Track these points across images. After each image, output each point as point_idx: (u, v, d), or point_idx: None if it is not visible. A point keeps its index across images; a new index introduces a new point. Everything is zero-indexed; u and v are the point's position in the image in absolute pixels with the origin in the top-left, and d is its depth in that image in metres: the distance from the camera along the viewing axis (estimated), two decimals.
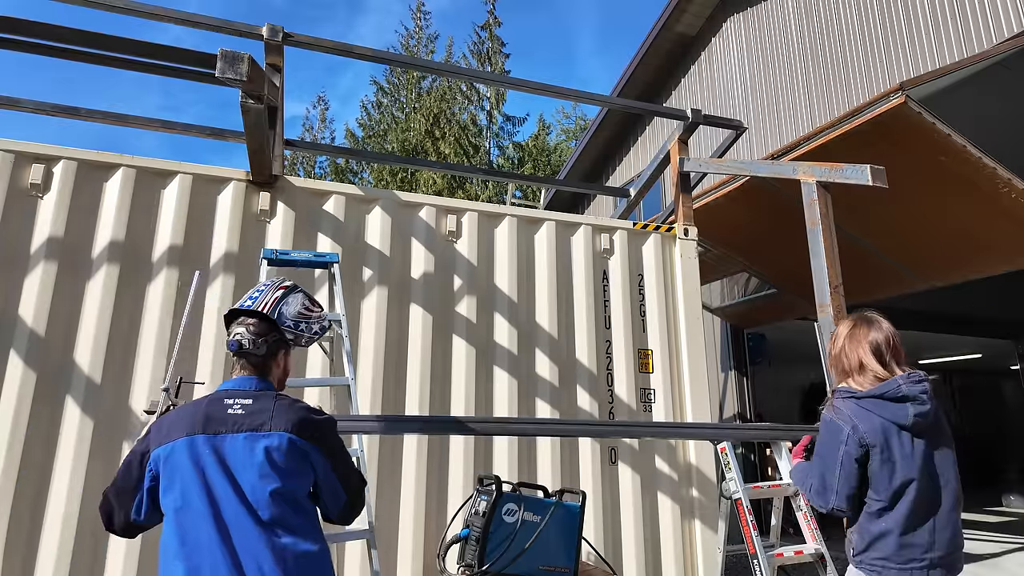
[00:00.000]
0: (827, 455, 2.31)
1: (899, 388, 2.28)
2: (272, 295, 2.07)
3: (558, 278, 4.60)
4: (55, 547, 3.19)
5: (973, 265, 6.42)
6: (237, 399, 1.89)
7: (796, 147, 5.19)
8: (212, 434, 1.82)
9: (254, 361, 1.98)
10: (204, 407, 1.87)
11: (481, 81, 30.26)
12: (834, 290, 3.86)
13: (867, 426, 2.24)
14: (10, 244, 3.48)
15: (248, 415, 1.86)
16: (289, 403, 1.93)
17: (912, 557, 2.17)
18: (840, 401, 2.38)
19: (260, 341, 1.98)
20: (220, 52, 3.16)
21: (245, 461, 1.81)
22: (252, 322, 1.99)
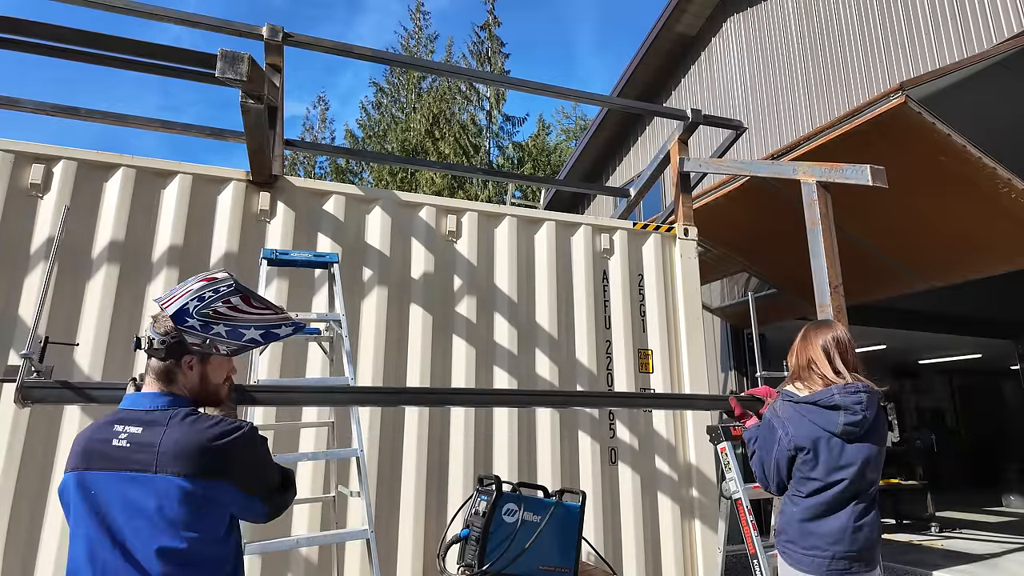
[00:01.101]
0: (765, 452, 2.60)
1: (832, 397, 2.47)
2: (187, 288, 1.67)
3: (558, 278, 4.60)
4: (55, 547, 3.19)
5: (973, 265, 6.42)
6: (127, 425, 1.57)
7: (796, 147, 5.19)
8: (91, 470, 1.53)
9: (155, 365, 1.66)
10: (92, 433, 1.59)
11: (481, 81, 30.25)
12: (834, 290, 3.86)
13: (798, 431, 2.47)
14: (10, 244, 3.48)
15: (133, 449, 1.53)
16: (184, 430, 1.56)
17: (815, 545, 2.37)
18: (780, 404, 2.61)
19: (157, 340, 1.64)
20: (220, 52, 3.16)
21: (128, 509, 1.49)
22: (158, 317, 1.67)
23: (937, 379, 16.03)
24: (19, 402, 2.18)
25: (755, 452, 2.71)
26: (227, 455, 1.57)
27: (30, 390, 2.22)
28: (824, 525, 2.39)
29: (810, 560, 2.39)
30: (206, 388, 1.73)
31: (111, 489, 1.51)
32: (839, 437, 2.43)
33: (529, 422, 4.27)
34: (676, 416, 4.65)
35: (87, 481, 1.53)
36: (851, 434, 2.43)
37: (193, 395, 1.70)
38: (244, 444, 1.62)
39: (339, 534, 3.29)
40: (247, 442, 1.63)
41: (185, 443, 1.53)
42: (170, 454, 1.51)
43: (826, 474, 2.41)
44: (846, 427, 2.43)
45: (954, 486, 13.61)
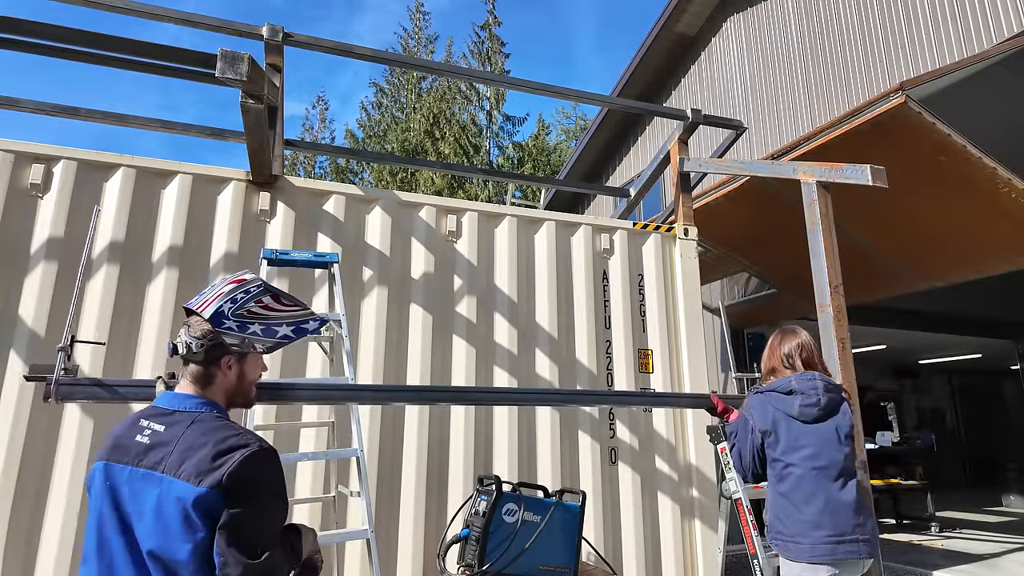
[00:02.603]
0: (742, 442, 2.90)
1: (789, 383, 2.79)
2: (219, 291, 1.69)
3: (558, 278, 4.60)
4: (55, 547, 3.19)
5: (973, 265, 6.42)
6: (152, 422, 1.58)
7: (796, 147, 5.19)
8: (112, 462, 1.55)
9: (193, 368, 1.66)
10: (121, 428, 1.62)
11: (481, 81, 30.24)
12: (834, 290, 3.85)
13: (762, 417, 2.78)
14: (10, 244, 3.48)
15: (151, 446, 1.53)
16: (201, 432, 1.54)
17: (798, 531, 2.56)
18: (751, 397, 2.94)
19: (196, 344, 1.64)
20: (220, 52, 3.16)
21: (136, 505, 1.49)
22: (192, 322, 1.67)
23: (937, 379, 16.02)
24: (52, 398, 2.19)
25: (734, 445, 2.98)
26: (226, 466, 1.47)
27: (64, 387, 2.23)
28: (808, 514, 2.57)
29: (802, 549, 2.55)
30: (242, 386, 1.75)
31: (126, 483, 1.52)
32: (797, 419, 2.71)
33: (529, 422, 4.27)
34: (676, 416, 4.65)
35: (108, 472, 1.54)
36: (807, 415, 2.71)
37: (229, 395, 1.72)
38: (251, 463, 1.50)
39: (339, 534, 3.29)
40: (254, 462, 1.51)
41: (196, 447, 1.50)
42: (178, 456, 1.49)
43: (784, 453, 2.68)
44: (802, 408, 2.71)
45: (954, 486, 13.61)
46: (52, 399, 2.22)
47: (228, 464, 1.47)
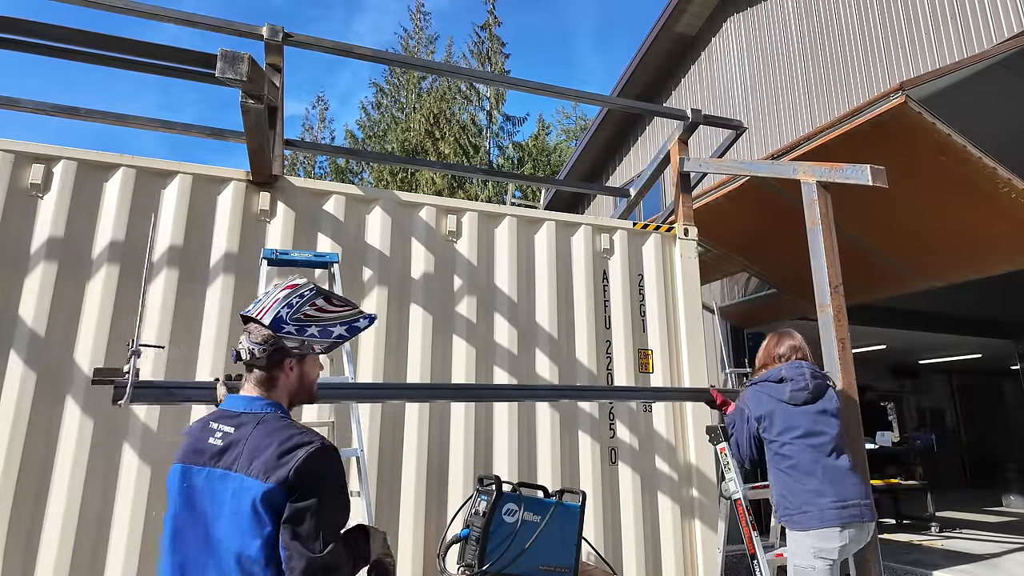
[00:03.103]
0: (739, 432, 3.22)
1: (779, 372, 3.13)
2: (274, 297, 1.77)
3: (558, 278, 4.60)
4: (55, 547, 3.19)
5: (973, 265, 6.42)
6: (222, 424, 1.68)
7: (796, 147, 5.19)
8: (188, 464, 1.65)
9: (257, 373, 1.75)
10: (194, 431, 1.71)
11: (481, 81, 30.25)
12: (834, 290, 3.85)
13: (757, 405, 3.11)
14: (10, 244, 3.48)
15: (225, 448, 1.62)
16: (268, 431, 1.62)
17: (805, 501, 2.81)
18: (746, 390, 3.25)
19: (259, 350, 1.72)
20: (220, 52, 3.16)
21: (217, 505, 1.57)
22: (252, 329, 1.75)
23: (937, 379, 16.02)
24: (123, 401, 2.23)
25: (732, 434, 3.28)
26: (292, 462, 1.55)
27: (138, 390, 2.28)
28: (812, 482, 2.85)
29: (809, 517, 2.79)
30: (303, 385, 1.82)
31: (204, 484, 1.61)
32: (788, 403, 3.03)
33: (529, 422, 4.27)
34: (676, 416, 4.65)
35: (185, 474, 1.65)
36: (797, 399, 3.03)
37: (292, 395, 1.80)
38: (316, 460, 1.58)
39: None
40: (319, 459, 1.59)
41: (263, 446, 1.58)
42: (248, 455, 1.58)
43: (780, 434, 2.99)
44: (792, 393, 3.04)
45: (954, 486, 13.61)
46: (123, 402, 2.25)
47: (293, 461, 1.55)
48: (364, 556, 1.72)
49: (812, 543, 2.80)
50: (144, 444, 3.45)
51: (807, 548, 2.82)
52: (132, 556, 3.28)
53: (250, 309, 1.78)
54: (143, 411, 3.48)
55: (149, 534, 3.35)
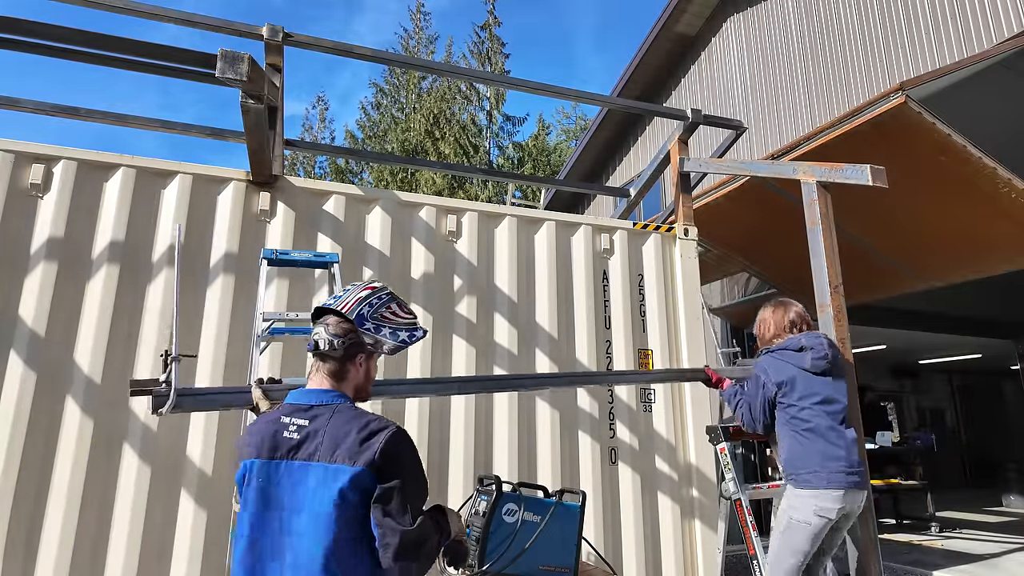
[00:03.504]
0: (753, 397, 3.33)
1: (799, 341, 3.27)
2: (357, 295, 1.91)
3: (558, 278, 4.60)
4: (55, 547, 3.19)
5: (973, 265, 6.42)
6: (295, 418, 1.74)
7: (796, 147, 5.19)
8: (264, 458, 1.71)
9: (330, 364, 1.84)
10: (266, 426, 1.77)
11: (481, 81, 30.25)
12: (834, 290, 3.86)
13: (779, 372, 3.22)
14: (10, 244, 3.48)
15: (301, 440, 1.70)
16: (344, 421, 1.71)
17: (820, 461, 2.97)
18: (763, 359, 3.36)
19: (337, 342, 1.83)
20: (220, 52, 3.16)
21: (298, 496, 1.66)
22: (332, 321, 1.86)
23: (937, 379, 16.02)
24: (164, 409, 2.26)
25: (739, 403, 3.41)
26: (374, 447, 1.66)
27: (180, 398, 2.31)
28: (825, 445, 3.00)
29: (819, 477, 2.95)
30: (367, 382, 1.93)
31: (283, 476, 1.68)
32: (809, 371, 3.16)
33: (529, 422, 4.28)
34: (676, 416, 4.65)
35: (262, 469, 1.70)
36: (818, 367, 3.17)
37: (356, 389, 1.90)
38: (395, 443, 1.70)
39: None
40: (397, 442, 1.71)
41: (343, 434, 1.68)
42: (329, 444, 1.67)
43: (801, 399, 3.11)
44: (814, 361, 3.17)
45: (954, 486, 13.60)
46: (165, 410, 2.28)
47: (376, 444, 1.66)
48: (447, 532, 1.83)
49: (816, 502, 2.96)
50: (144, 444, 3.45)
51: (810, 505, 2.97)
52: (132, 556, 3.29)
53: (330, 303, 1.89)
54: (143, 411, 3.48)
55: (149, 534, 3.35)
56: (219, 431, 3.56)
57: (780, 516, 3.14)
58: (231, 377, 3.64)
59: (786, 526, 3.06)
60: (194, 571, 3.36)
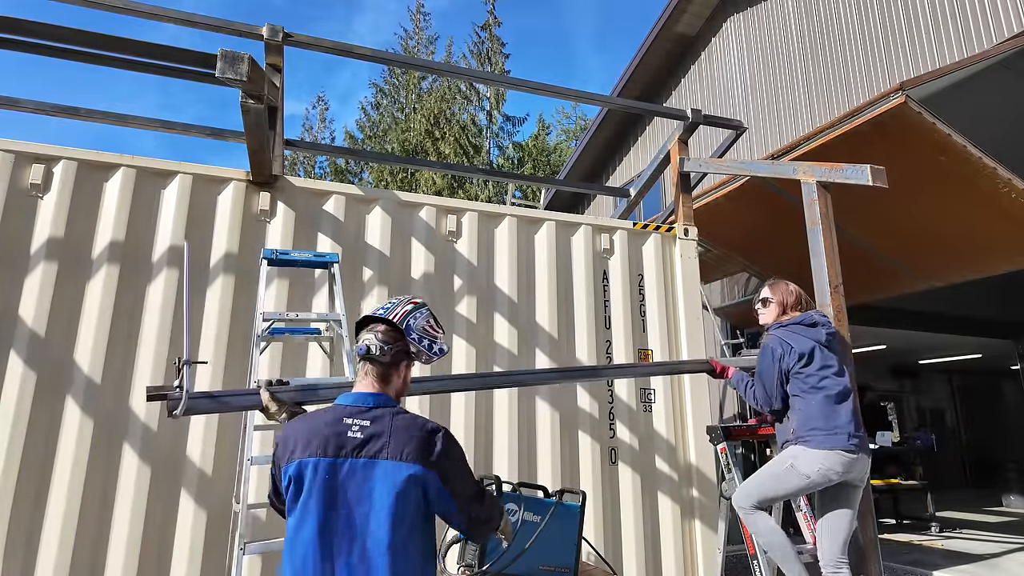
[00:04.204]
0: (766, 373, 3.36)
1: (812, 317, 3.43)
2: (403, 307, 2.10)
3: (558, 278, 4.60)
4: (55, 547, 3.19)
5: (973, 265, 6.42)
6: (356, 419, 1.88)
7: (796, 147, 5.19)
8: (333, 458, 1.82)
9: (379, 368, 1.99)
10: (325, 427, 1.86)
11: (481, 81, 30.24)
12: (834, 290, 3.86)
13: (798, 344, 3.30)
14: (10, 244, 3.48)
15: (366, 439, 1.84)
16: (406, 423, 1.90)
17: (836, 425, 3.12)
18: (773, 333, 3.43)
19: (387, 348, 1.99)
20: (220, 52, 3.16)
21: (364, 491, 1.80)
22: (382, 329, 2.03)
23: (937, 379, 16.01)
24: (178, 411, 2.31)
25: (748, 384, 3.50)
26: (439, 447, 1.87)
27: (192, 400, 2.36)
28: (839, 411, 3.15)
29: (835, 438, 3.08)
30: (404, 387, 2.09)
31: (348, 473, 1.81)
32: (824, 346, 3.31)
33: (529, 422, 4.27)
34: (676, 416, 4.65)
35: (328, 467, 1.81)
36: (830, 342, 3.35)
37: (396, 393, 2.04)
38: (450, 441, 1.92)
39: None
40: (451, 440, 1.93)
41: (408, 436, 1.85)
42: (396, 444, 1.83)
43: (819, 370, 3.23)
44: (827, 336, 3.35)
45: (954, 486, 13.59)
46: (179, 412, 2.33)
47: (437, 445, 1.87)
48: (501, 511, 2.10)
49: (823, 460, 3.07)
50: (144, 444, 3.45)
51: (816, 462, 3.08)
52: (132, 556, 3.29)
53: (380, 312, 2.06)
54: (143, 411, 3.48)
55: (149, 534, 3.35)
56: (219, 431, 3.56)
57: (779, 461, 3.27)
58: (231, 377, 3.64)
59: (785, 470, 3.18)
60: (194, 571, 3.36)
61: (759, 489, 3.27)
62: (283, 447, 1.89)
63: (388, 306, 2.10)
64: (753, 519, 3.27)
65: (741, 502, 3.31)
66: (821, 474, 3.09)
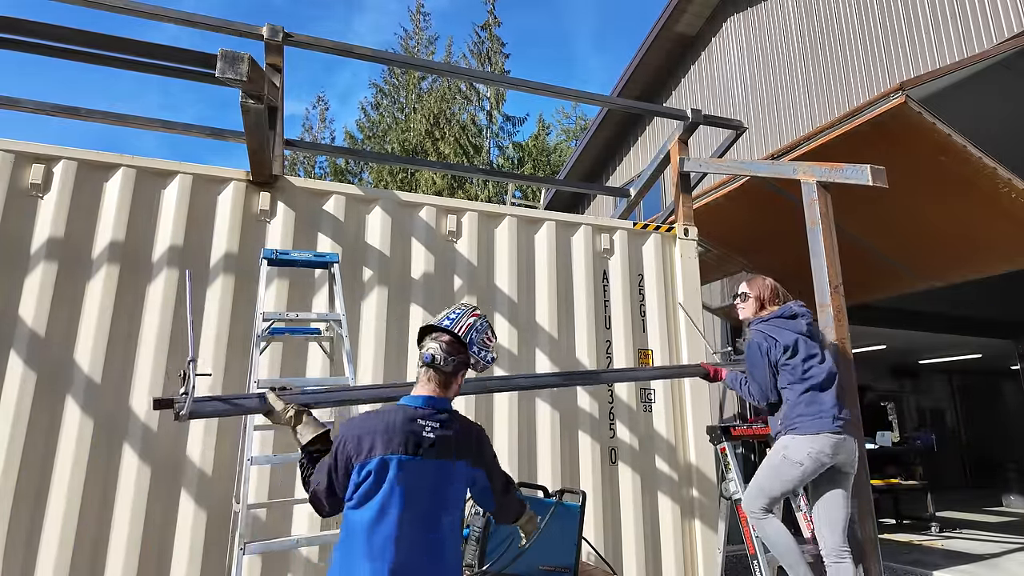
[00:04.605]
0: (756, 368, 3.40)
1: (791, 308, 3.48)
2: (467, 319, 2.24)
3: (558, 278, 4.60)
4: (55, 547, 3.19)
5: (973, 265, 6.41)
6: (428, 420, 2.08)
7: (796, 147, 5.19)
8: (412, 455, 2.01)
9: (441, 376, 2.16)
10: (402, 426, 2.04)
11: (481, 81, 30.24)
12: (834, 290, 3.85)
13: (782, 337, 3.35)
14: (10, 244, 3.48)
15: (439, 440, 2.05)
16: (465, 427, 2.17)
17: (821, 410, 3.18)
18: (755, 328, 3.48)
19: (451, 360, 2.16)
20: (220, 52, 3.16)
21: (433, 488, 2.03)
22: (446, 339, 2.19)
23: (937, 379, 16.01)
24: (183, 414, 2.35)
25: (742, 381, 3.51)
26: (485, 447, 2.20)
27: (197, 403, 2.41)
28: (823, 397, 3.21)
29: (821, 422, 3.14)
30: (458, 393, 2.26)
31: (424, 472, 2.02)
32: (807, 335, 3.38)
33: (529, 422, 4.28)
34: (676, 416, 4.65)
35: (407, 465, 2.00)
36: (811, 331, 3.43)
37: (452, 397, 2.22)
38: (488, 442, 2.23)
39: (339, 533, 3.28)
40: (489, 440, 2.25)
41: (465, 438, 2.13)
42: (458, 445, 2.09)
43: (805, 360, 3.29)
44: (808, 326, 3.42)
45: (954, 486, 13.59)
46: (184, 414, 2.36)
47: (484, 445, 2.21)
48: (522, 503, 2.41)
49: (811, 444, 3.14)
50: (144, 444, 3.45)
51: (805, 448, 3.15)
52: (132, 556, 3.29)
53: (447, 324, 2.22)
54: (143, 411, 3.48)
55: (149, 534, 3.35)
56: (219, 432, 3.56)
57: (772, 454, 3.31)
58: (231, 376, 3.64)
59: (779, 461, 3.23)
60: (194, 571, 3.36)
61: (761, 489, 3.29)
62: (357, 443, 2.01)
63: (453, 317, 2.24)
64: (763, 524, 3.26)
65: (751, 507, 3.31)
66: (812, 458, 3.14)
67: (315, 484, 2.09)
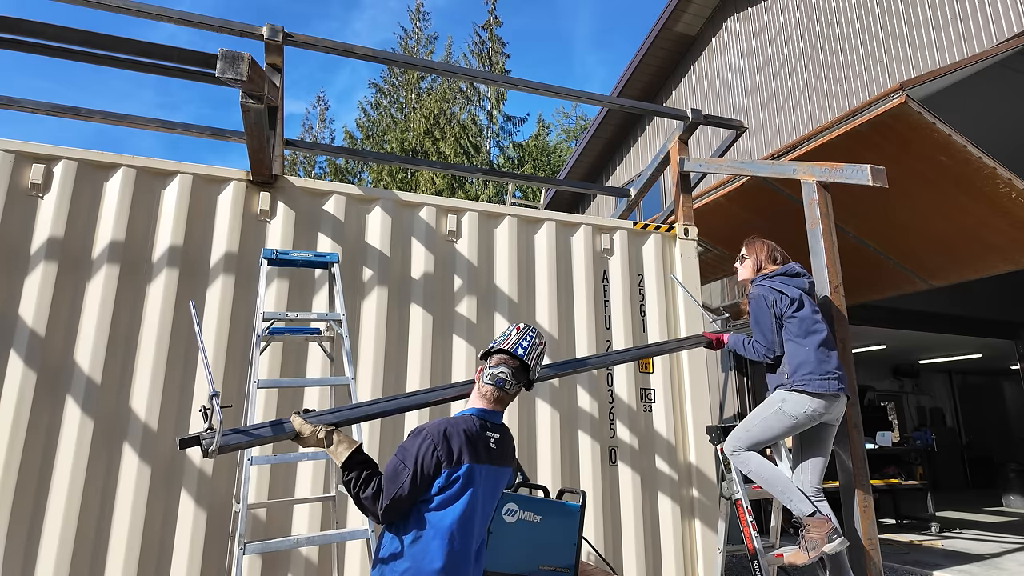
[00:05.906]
0: (762, 320, 3.45)
1: (794, 267, 3.58)
2: (536, 351, 2.43)
3: (558, 278, 4.60)
4: (55, 547, 3.19)
5: (973, 265, 6.41)
6: (492, 433, 2.31)
7: (796, 147, 5.19)
8: (486, 464, 2.24)
9: (504, 396, 2.36)
10: (478, 438, 2.25)
11: (481, 81, 30.20)
12: (834, 290, 3.86)
13: (788, 291, 3.44)
14: (10, 244, 3.48)
15: (498, 450, 2.30)
16: (510, 437, 2.41)
17: (828, 370, 3.28)
18: (758, 284, 3.55)
19: (515, 384, 2.37)
20: (220, 52, 3.16)
21: (489, 492, 2.27)
22: (516, 366, 2.37)
23: (937, 379, 16.01)
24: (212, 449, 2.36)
25: (748, 340, 3.54)
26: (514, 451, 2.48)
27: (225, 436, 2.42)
28: (832, 356, 3.32)
29: (827, 383, 3.24)
30: None
31: (488, 478, 2.25)
32: (809, 294, 3.49)
33: (529, 422, 4.28)
34: (676, 416, 4.65)
35: (479, 471, 2.22)
36: (812, 291, 3.55)
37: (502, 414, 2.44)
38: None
39: (339, 534, 3.28)
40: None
41: (511, 446, 2.41)
42: (508, 454, 2.38)
43: (810, 315, 3.39)
44: (810, 284, 3.55)
45: (954, 486, 13.60)
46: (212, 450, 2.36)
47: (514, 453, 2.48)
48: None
49: (810, 403, 3.23)
50: (144, 444, 3.45)
51: (803, 406, 3.24)
52: (132, 556, 3.29)
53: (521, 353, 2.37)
54: (143, 411, 3.48)
55: (149, 534, 3.35)
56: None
57: (768, 404, 3.39)
58: (231, 377, 3.64)
59: (773, 412, 3.33)
60: (194, 571, 3.36)
61: (748, 434, 3.41)
62: (447, 449, 2.16)
63: (526, 346, 2.40)
64: (744, 458, 3.41)
65: (733, 447, 3.45)
66: (807, 416, 3.25)
67: (391, 494, 2.09)
